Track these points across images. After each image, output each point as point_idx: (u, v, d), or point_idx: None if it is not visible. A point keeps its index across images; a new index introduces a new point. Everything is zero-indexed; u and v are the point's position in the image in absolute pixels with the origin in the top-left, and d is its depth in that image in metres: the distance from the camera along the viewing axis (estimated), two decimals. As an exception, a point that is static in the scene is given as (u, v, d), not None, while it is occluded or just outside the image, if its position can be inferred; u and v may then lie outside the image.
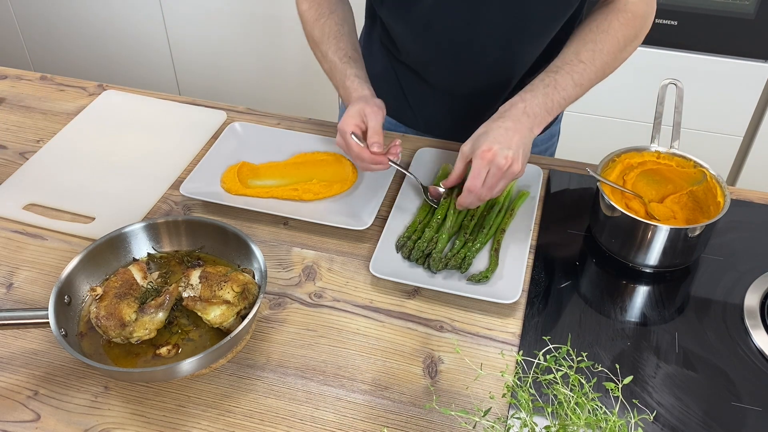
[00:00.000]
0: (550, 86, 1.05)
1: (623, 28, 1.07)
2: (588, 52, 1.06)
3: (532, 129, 1.04)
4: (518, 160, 1.01)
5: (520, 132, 1.02)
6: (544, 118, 1.05)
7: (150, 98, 1.42)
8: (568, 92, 1.06)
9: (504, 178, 1.02)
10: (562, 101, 1.06)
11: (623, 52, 1.10)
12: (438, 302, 1.01)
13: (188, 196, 1.15)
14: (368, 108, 1.08)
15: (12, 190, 1.19)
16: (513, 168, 1.01)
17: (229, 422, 0.86)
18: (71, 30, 2.73)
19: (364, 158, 1.07)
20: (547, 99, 1.04)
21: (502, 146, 1.00)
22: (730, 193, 1.03)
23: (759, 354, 0.94)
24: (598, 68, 1.07)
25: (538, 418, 0.84)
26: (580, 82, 1.06)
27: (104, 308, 0.89)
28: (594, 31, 1.07)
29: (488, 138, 1.01)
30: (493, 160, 1.00)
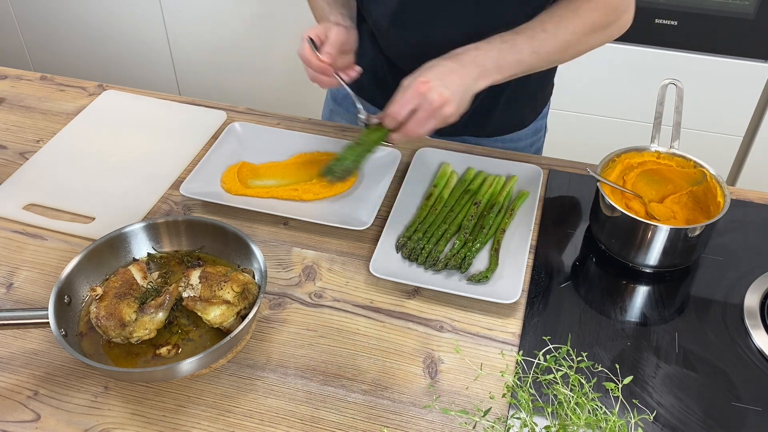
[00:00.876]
0: (507, 43, 1.04)
1: (592, 13, 1.07)
2: (552, 24, 1.06)
3: (477, 80, 1.02)
4: (452, 103, 0.98)
5: (463, 77, 1.00)
6: (492, 73, 1.03)
7: (150, 98, 1.42)
8: (524, 56, 1.04)
9: (434, 118, 1.00)
10: (516, 64, 1.04)
11: (589, 37, 1.09)
12: (438, 302, 1.01)
13: (188, 196, 1.15)
14: (335, 26, 1.08)
15: (12, 190, 1.19)
16: (445, 109, 0.98)
17: (229, 422, 0.86)
18: (71, 30, 2.73)
19: (311, 64, 1.07)
20: (500, 54, 1.03)
21: (440, 83, 0.98)
22: (730, 193, 1.03)
23: (759, 354, 0.94)
24: (560, 42, 1.06)
25: (538, 418, 0.84)
26: (538, 49, 1.05)
27: (104, 308, 0.89)
28: (563, 8, 1.07)
29: (429, 72, 1.00)
30: (426, 93, 0.98)
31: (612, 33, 1.11)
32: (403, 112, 1.00)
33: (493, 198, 1.15)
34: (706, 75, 2.04)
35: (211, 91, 2.71)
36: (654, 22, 1.99)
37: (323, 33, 1.08)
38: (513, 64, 1.04)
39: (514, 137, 1.34)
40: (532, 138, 1.37)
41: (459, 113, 1.01)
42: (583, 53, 1.11)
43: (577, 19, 1.06)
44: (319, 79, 1.09)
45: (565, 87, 2.19)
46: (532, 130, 1.36)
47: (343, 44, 1.08)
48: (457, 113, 1.00)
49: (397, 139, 1.04)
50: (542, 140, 1.41)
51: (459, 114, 1.01)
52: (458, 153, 1.25)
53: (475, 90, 1.02)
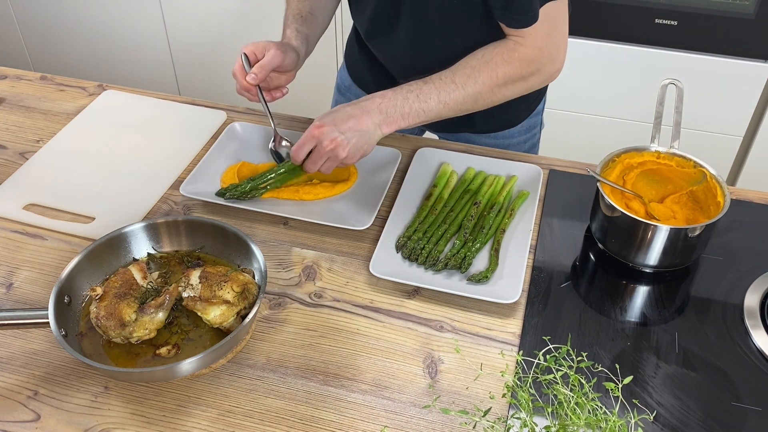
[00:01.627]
0: (413, 93, 1.07)
1: (505, 65, 1.07)
2: (463, 76, 1.08)
3: (380, 126, 1.06)
4: (345, 147, 1.04)
5: (362, 123, 1.05)
6: (395, 120, 1.07)
7: (150, 98, 1.42)
8: (430, 105, 1.07)
9: (327, 158, 1.06)
10: (421, 112, 1.07)
11: (503, 89, 1.09)
12: (438, 302, 1.01)
13: (188, 196, 1.15)
14: (274, 47, 1.14)
15: (12, 190, 1.19)
16: (337, 152, 1.04)
17: (229, 422, 0.86)
18: (71, 30, 2.73)
19: (238, 80, 1.14)
20: (405, 103, 1.07)
21: (334, 128, 1.04)
22: (730, 193, 1.03)
23: (759, 354, 0.94)
24: (469, 94, 1.08)
25: (538, 418, 0.84)
26: (445, 100, 1.07)
27: (104, 308, 0.89)
28: (477, 59, 1.08)
29: (328, 116, 1.05)
30: (319, 137, 1.04)
31: (533, 83, 1.11)
32: (301, 154, 1.08)
33: (493, 198, 1.15)
34: (706, 75, 2.04)
35: (211, 91, 2.71)
36: (654, 22, 1.99)
37: (260, 51, 1.14)
38: (418, 113, 1.08)
39: (507, 134, 1.35)
40: (527, 134, 1.37)
41: (358, 154, 1.06)
42: (502, 101, 1.12)
43: (489, 72, 1.07)
44: (243, 94, 1.17)
45: (566, 87, 2.19)
46: (526, 126, 1.36)
47: (278, 67, 1.14)
48: (353, 155, 1.06)
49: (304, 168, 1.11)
50: (537, 136, 1.42)
51: (358, 155, 1.06)
52: (458, 153, 1.25)
53: (379, 134, 1.08)
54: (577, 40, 2.06)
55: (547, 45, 1.07)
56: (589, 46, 2.06)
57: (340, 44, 2.39)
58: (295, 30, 1.20)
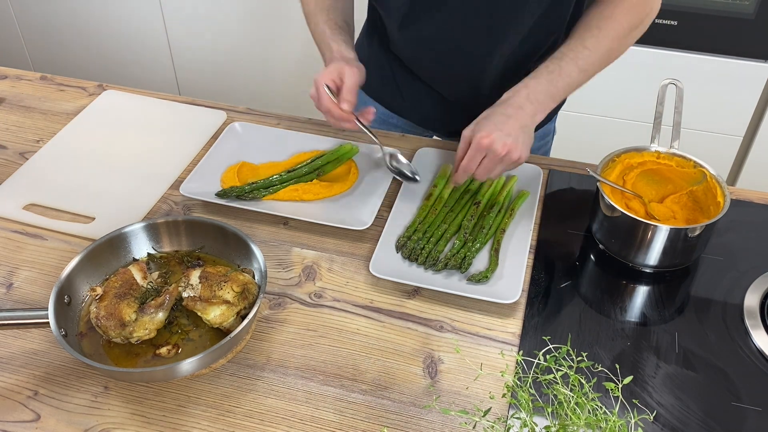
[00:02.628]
0: (555, 73, 1.06)
1: (627, 15, 1.07)
2: (592, 39, 1.07)
3: (535, 116, 1.05)
4: (517, 147, 1.02)
5: (521, 119, 1.03)
6: (547, 105, 1.06)
7: (150, 98, 1.42)
8: (573, 78, 1.07)
9: (502, 164, 1.04)
10: (566, 87, 1.07)
11: (627, 38, 1.10)
12: (438, 302, 1.01)
13: (188, 196, 1.15)
14: (347, 67, 1.09)
15: (12, 190, 1.19)
16: (511, 155, 1.02)
17: (229, 422, 0.86)
18: (71, 30, 2.73)
19: (333, 113, 1.10)
20: (551, 86, 1.05)
21: (501, 133, 1.01)
22: (730, 193, 1.03)
23: (759, 354, 0.94)
24: (603, 54, 1.08)
25: (538, 418, 0.84)
26: (584, 67, 1.07)
27: (104, 308, 0.89)
28: (598, 17, 1.08)
29: (488, 124, 1.03)
30: (490, 146, 1.02)
31: (646, 25, 1.12)
32: (473, 166, 1.05)
33: (493, 198, 1.15)
34: (706, 75, 2.04)
35: (211, 91, 2.71)
36: (654, 22, 1.99)
37: (337, 77, 1.09)
38: (564, 89, 1.07)
39: None
40: (540, 141, 1.37)
41: (527, 151, 1.04)
42: (624, 51, 1.12)
43: (614, 26, 1.08)
44: (341, 125, 1.12)
45: (565, 87, 2.19)
46: (541, 134, 1.36)
47: (360, 85, 1.11)
48: (524, 153, 1.04)
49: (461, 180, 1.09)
50: (550, 143, 1.41)
51: (528, 150, 1.05)
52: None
53: (535, 125, 1.06)
54: (577, 40, 2.06)
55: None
56: (589, 46, 2.06)
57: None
58: (343, 42, 1.16)
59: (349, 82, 1.08)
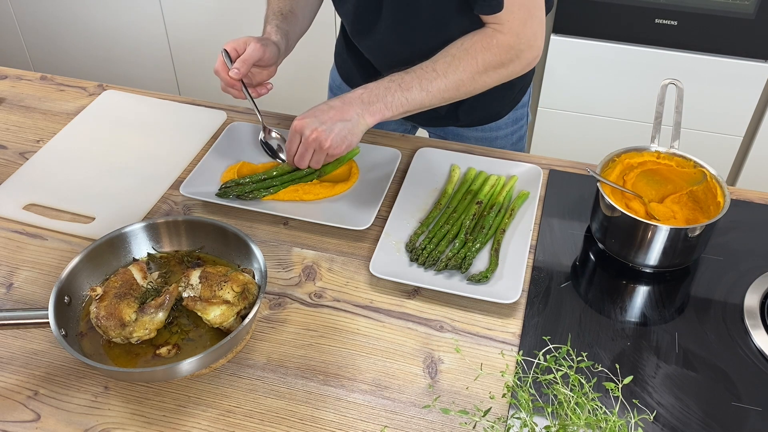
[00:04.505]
0: (395, 82, 1.09)
1: (485, 52, 1.09)
2: (443, 65, 1.10)
3: (363, 115, 1.08)
4: (328, 137, 1.05)
5: (344, 113, 1.07)
6: (378, 109, 1.08)
7: (150, 98, 1.42)
8: (413, 94, 1.09)
9: (313, 150, 1.08)
10: (404, 101, 1.09)
11: (484, 76, 1.11)
12: (438, 302, 1.01)
13: (188, 196, 1.15)
14: (254, 41, 1.15)
15: (12, 190, 1.19)
16: (320, 142, 1.06)
17: (229, 422, 0.86)
18: (71, 30, 2.73)
19: (221, 76, 1.15)
20: (387, 93, 1.09)
21: (314, 119, 1.06)
22: (730, 193, 1.03)
23: (759, 354, 0.94)
24: (451, 82, 1.10)
25: (538, 418, 0.84)
26: (427, 88, 1.09)
27: (104, 308, 0.89)
28: (457, 47, 1.10)
29: (310, 111, 1.08)
30: (301, 131, 1.07)
31: (513, 69, 1.13)
32: (292, 149, 1.10)
33: (493, 198, 1.15)
34: (706, 75, 2.04)
35: (211, 91, 2.70)
36: (654, 22, 1.99)
37: (241, 47, 1.15)
38: (401, 102, 1.09)
39: (493, 126, 1.36)
40: (513, 127, 1.38)
41: (343, 144, 1.07)
42: (482, 90, 1.13)
43: (469, 59, 1.09)
44: (228, 91, 1.17)
45: (566, 87, 2.19)
46: (512, 119, 1.37)
47: (259, 60, 1.15)
48: (337, 144, 1.07)
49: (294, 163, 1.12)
50: (524, 129, 1.43)
51: (343, 144, 1.07)
52: (459, 153, 1.25)
53: (363, 124, 1.09)
54: (577, 40, 2.06)
55: (524, 31, 1.09)
56: (589, 46, 2.06)
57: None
58: (275, 26, 1.22)
59: (247, 54, 1.13)
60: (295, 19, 1.26)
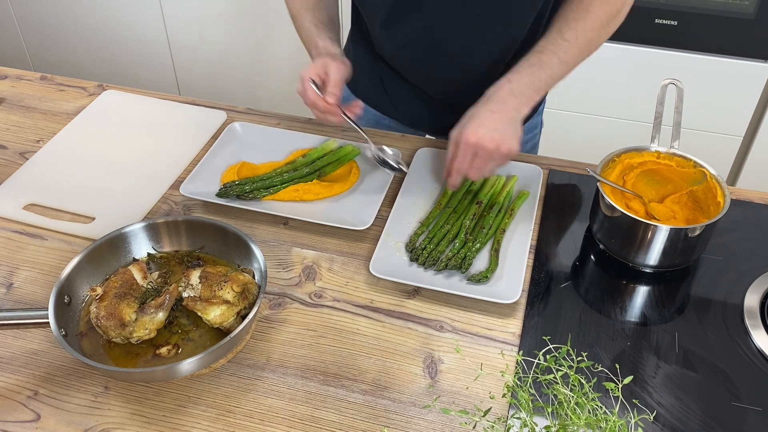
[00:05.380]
0: (536, 65, 1.07)
1: (603, 6, 1.08)
2: (571, 31, 1.08)
3: (519, 109, 1.06)
4: (506, 141, 1.03)
5: (506, 113, 1.04)
6: (531, 97, 1.07)
7: (150, 98, 1.42)
8: (554, 70, 1.08)
9: (493, 159, 1.05)
10: (549, 79, 1.08)
11: (606, 28, 1.11)
12: (438, 302, 1.01)
13: (188, 196, 1.15)
14: (332, 61, 1.11)
15: (12, 190, 1.19)
16: (501, 149, 1.03)
17: (229, 422, 0.86)
18: (71, 30, 2.73)
19: (318, 107, 1.11)
20: (533, 78, 1.06)
21: (487, 129, 1.03)
22: (730, 193, 1.03)
23: (759, 354, 0.94)
24: (582, 45, 1.09)
25: (538, 418, 0.84)
26: (565, 59, 1.08)
27: (104, 308, 0.89)
28: (575, 10, 1.09)
29: (473, 122, 1.04)
30: (479, 143, 1.03)
31: (624, 14, 1.12)
32: (465, 166, 1.06)
33: (493, 198, 1.15)
34: (706, 75, 2.04)
35: (211, 91, 2.71)
36: (654, 22, 1.99)
37: (323, 71, 1.11)
38: (546, 81, 1.08)
39: None
40: (528, 135, 1.37)
41: (516, 144, 1.05)
42: (605, 41, 1.13)
43: (591, 17, 1.08)
44: (327, 119, 1.13)
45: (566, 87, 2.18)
46: (528, 127, 1.36)
47: (345, 80, 1.12)
48: (514, 147, 1.04)
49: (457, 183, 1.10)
50: (538, 137, 1.42)
51: (517, 143, 1.05)
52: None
53: (522, 118, 1.06)
54: (577, 40, 2.06)
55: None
56: (589, 46, 2.06)
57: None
58: (328, 38, 1.17)
59: (334, 76, 1.10)
60: (335, 26, 1.23)
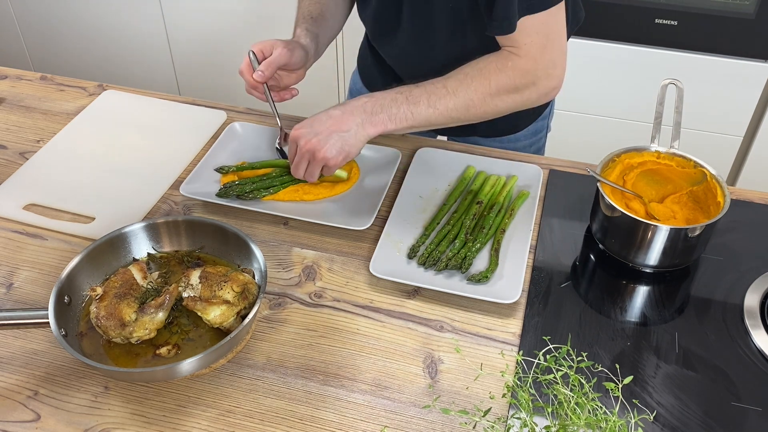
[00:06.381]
0: (402, 94, 1.07)
1: (498, 74, 1.06)
2: (455, 82, 1.07)
3: (363, 125, 1.05)
4: (323, 148, 1.04)
5: (343, 122, 1.05)
6: (381, 120, 1.06)
7: (150, 98, 1.42)
8: (419, 109, 1.06)
9: (308, 161, 1.07)
10: (410, 115, 1.06)
11: (496, 99, 1.07)
12: (438, 302, 1.01)
13: (188, 196, 1.15)
14: (281, 45, 1.14)
15: (12, 190, 1.19)
16: (317, 154, 1.05)
17: (229, 422, 0.86)
18: (71, 30, 2.73)
19: (245, 79, 1.15)
20: (393, 104, 1.06)
21: (310, 130, 1.05)
22: (730, 193, 1.03)
23: (759, 354, 0.94)
24: (460, 101, 1.06)
25: (538, 418, 0.84)
26: (435, 105, 1.06)
27: (104, 308, 0.89)
28: (471, 66, 1.08)
29: (308, 120, 1.07)
30: (296, 139, 1.06)
31: (529, 97, 1.09)
32: (291, 158, 1.09)
33: (493, 198, 1.15)
34: (706, 75, 2.04)
35: (211, 91, 2.71)
36: (654, 22, 1.99)
37: (268, 49, 1.14)
38: (406, 115, 1.06)
39: (512, 138, 1.35)
40: (532, 138, 1.37)
41: (340, 156, 1.05)
42: (494, 115, 1.10)
43: (482, 79, 1.06)
44: (252, 93, 1.17)
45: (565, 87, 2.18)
46: (532, 131, 1.36)
47: (285, 65, 1.14)
48: (334, 156, 1.05)
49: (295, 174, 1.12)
50: (543, 140, 1.42)
51: (340, 156, 1.05)
52: (458, 153, 1.25)
53: (363, 134, 1.06)
54: (578, 40, 2.06)
55: (542, 58, 1.05)
56: (589, 46, 2.06)
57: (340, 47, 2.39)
58: (304, 29, 1.20)
59: (273, 58, 1.13)
60: (325, 22, 1.24)
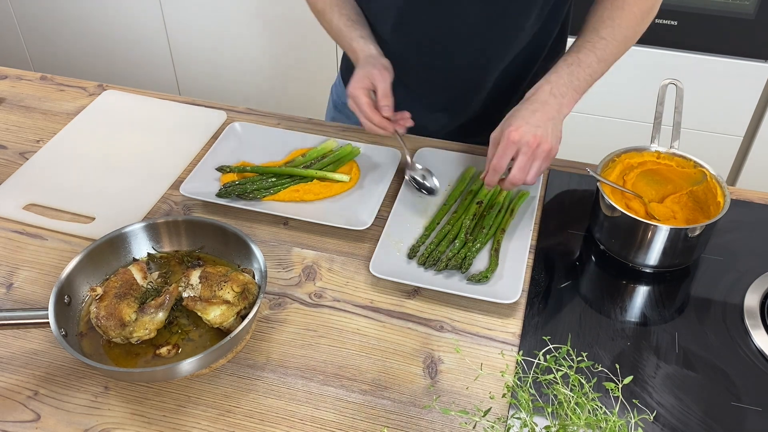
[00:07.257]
0: (574, 65, 1.06)
1: (638, 2, 1.08)
2: (607, 29, 1.08)
3: (561, 109, 1.04)
4: (548, 139, 1.00)
5: (547, 113, 1.02)
6: (572, 97, 1.05)
7: (150, 98, 1.42)
8: (593, 68, 1.07)
9: (536, 159, 1.01)
10: (588, 78, 1.07)
11: (641, 24, 1.11)
12: (438, 302, 1.01)
13: (188, 196, 1.15)
14: (375, 71, 1.09)
15: (12, 190, 1.19)
16: (543, 146, 1.00)
17: (229, 422, 0.86)
18: (71, 30, 2.73)
19: (373, 120, 1.10)
20: (572, 78, 1.05)
21: (529, 125, 1.00)
22: (730, 193, 1.03)
23: (759, 354, 0.94)
24: (620, 42, 1.08)
25: (538, 418, 0.84)
26: (603, 57, 1.07)
27: (104, 308, 0.89)
28: (609, 8, 1.09)
29: (515, 120, 1.01)
30: (521, 139, 0.99)
31: (656, 10, 1.12)
32: (504, 163, 1.01)
33: (493, 198, 1.15)
34: (706, 75, 2.04)
35: (211, 91, 2.71)
36: (654, 22, 1.99)
37: (369, 84, 1.09)
38: (586, 80, 1.07)
39: None
40: None
41: (557, 144, 1.03)
42: (639, 36, 1.13)
43: (626, 14, 1.08)
44: (377, 131, 1.12)
45: (565, 87, 2.19)
46: None
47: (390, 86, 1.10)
48: (555, 145, 1.02)
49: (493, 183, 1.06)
50: None
51: (558, 142, 1.03)
52: (458, 153, 1.25)
53: (563, 118, 1.05)
54: (577, 40, 2.06)
55: None
56: (589, 46, 2.06)
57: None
58: (361, 39, 1.15)
59: (382, 86, 1.08)
60: (363, 18, 1.20)
